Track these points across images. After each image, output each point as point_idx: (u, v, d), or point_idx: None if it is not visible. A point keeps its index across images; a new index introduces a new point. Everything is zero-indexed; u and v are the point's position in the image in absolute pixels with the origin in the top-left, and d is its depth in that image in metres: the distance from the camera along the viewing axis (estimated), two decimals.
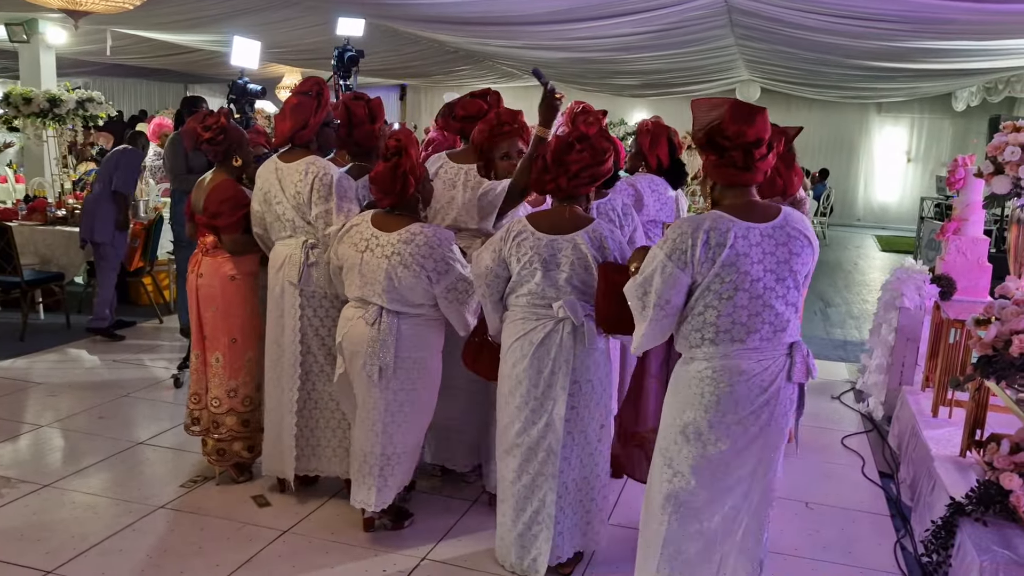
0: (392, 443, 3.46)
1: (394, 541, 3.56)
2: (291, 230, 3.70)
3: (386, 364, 3.36)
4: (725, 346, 2.60)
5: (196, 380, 3.99)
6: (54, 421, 4.82)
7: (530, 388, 3.15)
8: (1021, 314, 3.30)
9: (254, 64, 5.55)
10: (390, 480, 3.50)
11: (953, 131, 16.84)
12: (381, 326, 3.36)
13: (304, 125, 3.66)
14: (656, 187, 4.36)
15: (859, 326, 8.13)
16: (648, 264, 2.64)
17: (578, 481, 3.24)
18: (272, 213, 3.74)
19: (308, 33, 9.28)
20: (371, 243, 3.38)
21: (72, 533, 3.52)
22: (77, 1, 5.55)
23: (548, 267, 3.09)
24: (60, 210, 7.48)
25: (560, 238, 3.11)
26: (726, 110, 2.56)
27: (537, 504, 3.20)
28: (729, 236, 2.54)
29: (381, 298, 3.36)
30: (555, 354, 3.11)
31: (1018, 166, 4.31)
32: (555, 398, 3.13)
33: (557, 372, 3.12)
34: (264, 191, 3.75)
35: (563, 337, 3.11)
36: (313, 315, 3.72)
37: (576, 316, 3.07)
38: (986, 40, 7.19)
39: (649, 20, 7.79)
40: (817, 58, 9.37)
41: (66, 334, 6.65)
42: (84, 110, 8.55)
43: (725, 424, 2.63)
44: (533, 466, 3.19)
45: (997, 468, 3.30)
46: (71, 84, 9.08)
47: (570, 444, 3.18)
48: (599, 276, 3.05)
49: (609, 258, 3.10)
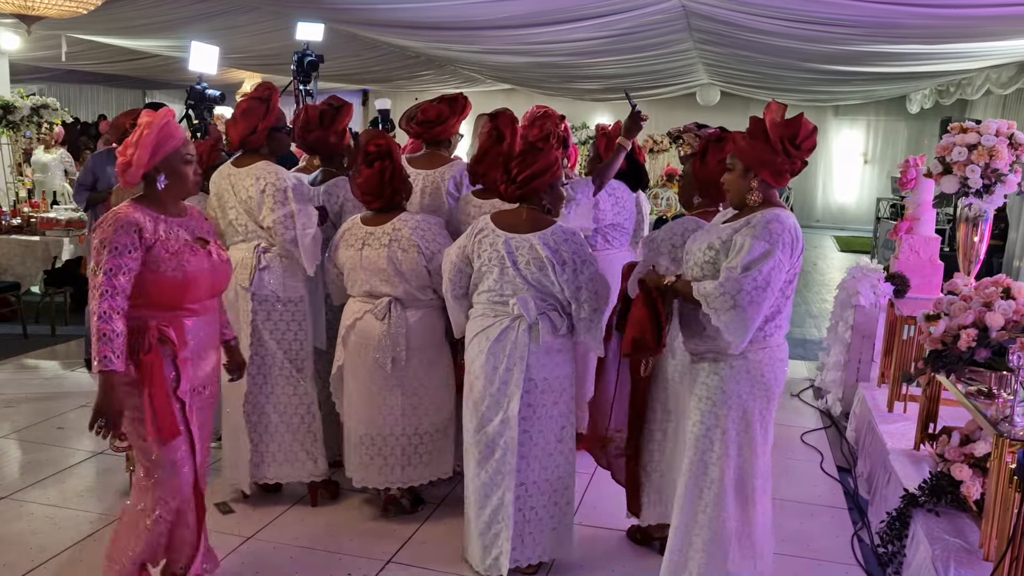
0: (412, 425, 3.62)
1: (359, 544, 3.56)
2: (243, 235, 3.71)
3: (399, 354, 3.52)
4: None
5: None
6: (11, 433, 4.74)
7: (486, 384, 3.19)
8: (968, 309, 3.39)
9: (213, 69, 5.51)
10: (413, 459, 3.63)
11: (908, 133, 17.17)
12: (392, 319, 3.51)
13: (253, 130, 3.66)
14: (612, 190, 4.39)
15: (818, 324, 8.27)
16: (763, 259, 2.66)
17: (540, 484, 3.25)
18: (225, 219, 3.74)
19: (268, 38, 9.21)
20: (367, 239, 3.54)
21: (30, 545, 3.48)
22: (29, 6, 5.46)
23: (504, 265, 3.15)
24: (15, 219, 7.35)
25: (518, 236, 3.16)
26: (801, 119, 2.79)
27: (496, 502, 3.22)
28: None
29: (388, 285, 3.51)
30: (510, 351, 3.15)
31: (965, 166, 4.43)
32: (511, 395, 3.16)
33: (512, 369, 3.15)
34: (218, 196, 3.75)
35: (518, 335, 3.15)
36: (267, 318, 3.71)
37: (528, 313, 3.12)
38: (936, 44, 7.36)
39: (607, 24, 7.85)
40: (774, 62, 9.51)
41: (23, 344, 6.54)
42: (39, 117, 8.41)
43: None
44: (492, 463, 3.21)
45: (948, 460, 3.39)
46: (25, 91, 8.93)
47: (528, 443, 3.20)
48: (637, 302, 2.95)
49: (567, 262, 3.12)
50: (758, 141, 2.76)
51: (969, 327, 3.32)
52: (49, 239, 6.88)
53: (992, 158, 4.39)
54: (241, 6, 7.76)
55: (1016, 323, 3.28)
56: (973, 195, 4.52)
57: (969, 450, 3.34)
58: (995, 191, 4.48)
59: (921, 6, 5.73)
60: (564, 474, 3.31)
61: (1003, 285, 3.46)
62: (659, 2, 6.94)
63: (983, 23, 6.17)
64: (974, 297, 3.48)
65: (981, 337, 3.30)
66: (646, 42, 9.08)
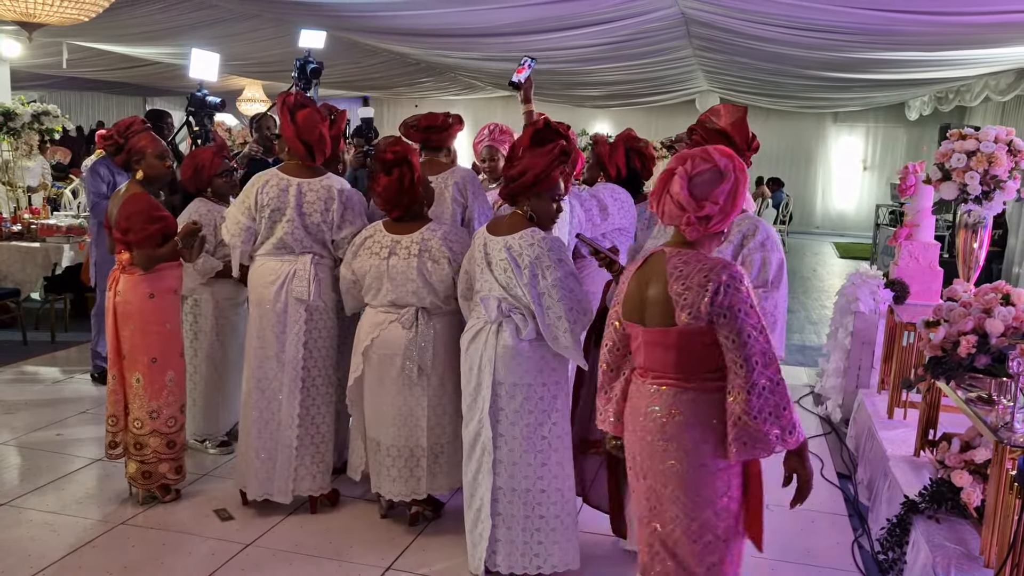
0: (436, 435, 3.60)
1: (359, 551, 3.56)
2: (291, 246, 3.71)
3: (425, 363, 3.51)
4: None
5: (114, 402, 3.85)
6: (10, 439, 4.73)
7: (465, 384, 3.28)
8: (967, 316, 3.39)
9: (213, 76, 5.54)
10: (433, 468, 3.63)
11: (907, 139, 17.20)
12: (419, 328, 3.50)
13: (320, 138, 3.67)
14: (618, 196, 4.38)
15: (818, 331, 8.26)
16: (780, 272, 2.87)
17: (508, 492, 3.21)
18: (273, 232, 3.71)
19: (268, 45, 9.24)
20: (394, 248, 3.50)
21: (29, 552, 3.47)
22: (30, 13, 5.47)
23: (483, 266, 3.20)
24: (16, 225, 7.35)
25: (495, 239, 3.20)
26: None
27: (479, 502, 3.26)
28: None
29: (415, 297, 3.50)
30: (481, 352, 3.20)
31: (964, 172, 4.43)
32: (484, 397, 3.20)
33: (483, 370, 3.19)
34: (271, 208, 3.68)
35: (488, 336, 3.19)
36: (314, 328, 3.75)
37: (488, 313, 3.16)
38: (935, 51, 7.39)
39: (607, 32, 7.87)
40: (773, 68, 9.54)
41: (23, 350, 6.54)
42: (40, 124, 8.42)
43: None
44: (473, 462, 3.27)
45: (948, 466, 3.38)
46: (26, 98, 8.94)
47: (502, 447, 3.20)
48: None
49: (526, 266, 3.08)
50: (722, 144, 2.76)
51: (969, 333, 3.32)
52: (49, 246, 6.87)
53: (991, 164, 4.40)
54: (241, 14, 7.79)
55: (1016, 329, 3.28)
56: (972, 201, 4.53)
57: (969, 456, 3.34)
58: (994, 197, 4.49)
59: (920, 13, 5.75)
60: (539, 488, 3.20)
61: (1002, 291, 3.47)
62: (658, 9, 6.96)
63: (981, 30, 6.20)
64: (974, 303, 3.48)
65: (981, 343, 3.30)
66: (645, 49, 9.10)
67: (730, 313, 2.20)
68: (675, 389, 2.31)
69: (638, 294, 2.39)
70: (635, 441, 2.42)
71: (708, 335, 2.25)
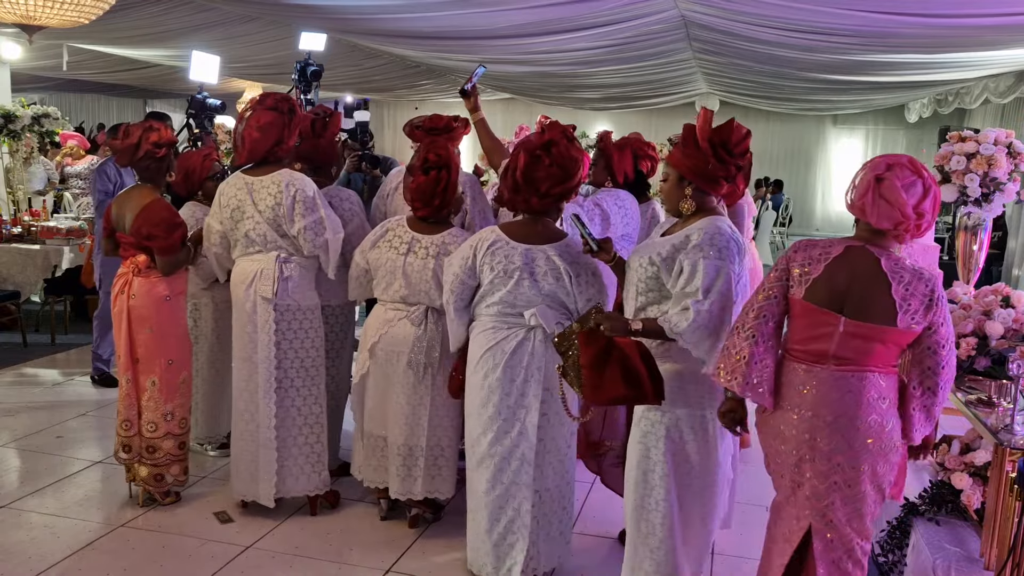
0: (436, 435, 3.61)
1: (359, 553, 3.56)
2: (261, 245, 3.69)
3: (433, 361, 3.51)
4: None
5: (127, 406, 3.82)
6: (10, 441, 4.73)
7: (503, 397, 3.16)
8: (967, 318, 3.39)
9: (213, 79, 5.54)
10: (432, 472, 3.62)
11: (907, 142, 17.20)
12: (428, 326, 3.52)
13: (278, 140, 3.65)
14: (622, 202, 4.36)
15: None
16: (719, 278, 2.72)
17: (552, 491, 3.25)
18: (238, 231, 3.71)
19: (268, 48, 9.24)
20: (413, 245, 3.51)
21: (29, 555, 3.47)
22: (31, 15, 5.48)
23: (522, 276, 3.12)
24: (16, 227, 7.36)
25: (535, 248, 3.15)
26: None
27: (512, 513, 3.21)
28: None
29: (428, 297, 3.50)
30: (527, 363, 3.14)
31: (963, 175, 4.44)
32: (528, 407, 3.15)
33: (530, 380, 3.14)
34: (231, 208, 3.71)
35: (535, 345, 3.14)
36: (287, 328, 3.71)
37: (548, 324, 3.11)
38: (934, 53, 7.39)
39: (607, 34, 7.88)
40: (773, 71, 9.55)
41: (23, 353, 6.54)
42: (40, 126, 8.43)
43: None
44: (507, 475, 3.19)
45: (948, 468, 3.38)
46: (26, 100, 8.95)
47: (543, 452, 3.21)
48: (608, 360, 2.75)
49: (581, 273, 3.13)
50: (689, 148, 2.76)
51: (969, 336, 3.33)
52: (49, 248, 6.87)
53: (991, 167, 4.40)
54: (242, 16, 7.80)
55: (1015, 332, 3.28)
56: (972, 204, 4.53)
57: (969, 459, 3.33)
58: (994, 200, 4.49)
59: (919, 16, 5.75)
60: (572, 478, 3.35)
61: (1002, 294, 3.47)
62: (658, 12, 6.97)
63: (981, 32, 6.20)
64: (973, 306, 3.48)
65: (981, 346, 3.30)
66: (645, 52, 9.11)
67: (945, 322, 2.50)
68: (875, 375, 2.51)
69: (838, 283, 2.53)
70: (816, 425, 2.51)
71: (910, 335, 2.49)
